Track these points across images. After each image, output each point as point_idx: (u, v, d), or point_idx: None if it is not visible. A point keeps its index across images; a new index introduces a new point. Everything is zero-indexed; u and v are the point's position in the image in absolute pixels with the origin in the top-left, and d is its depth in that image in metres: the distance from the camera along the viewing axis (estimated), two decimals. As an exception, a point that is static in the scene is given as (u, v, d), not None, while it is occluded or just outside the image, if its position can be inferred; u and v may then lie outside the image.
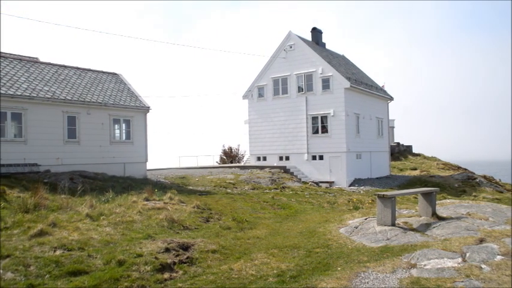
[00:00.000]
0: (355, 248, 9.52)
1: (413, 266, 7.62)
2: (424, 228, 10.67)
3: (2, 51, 26.12)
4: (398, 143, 50.23)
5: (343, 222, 12.66)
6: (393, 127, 51.04)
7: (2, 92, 18.85)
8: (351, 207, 17.83)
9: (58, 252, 8.55)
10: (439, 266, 7.44)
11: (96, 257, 8.50)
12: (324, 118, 30.98)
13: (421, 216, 11.84)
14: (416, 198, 19.30)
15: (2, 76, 20.04)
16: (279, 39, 35.25)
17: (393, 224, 10.95)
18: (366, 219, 12.27)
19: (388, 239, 9.93)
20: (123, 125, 23.95)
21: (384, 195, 11.09)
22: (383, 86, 39.88)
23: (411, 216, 12.17)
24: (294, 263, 8.61)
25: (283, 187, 24.79)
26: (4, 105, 18.86)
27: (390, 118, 40.74)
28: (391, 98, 38.41)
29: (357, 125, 31.91)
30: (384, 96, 37.00)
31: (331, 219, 13.68)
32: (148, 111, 24.93)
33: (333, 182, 29.96)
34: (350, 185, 29.34)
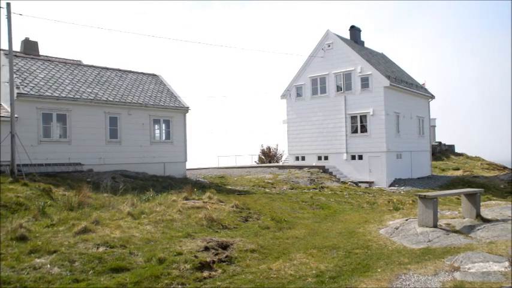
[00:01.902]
0: (395, 249, 9.36)
1: (457, 269, 7.42)
2: (467, 230, 10.37)
3: (48, 55, 26.99)
4: (439, 143, 49.02)
5: (383, 223, 12.47)
6: (434, 126, 49.83)
7: (47, 94, 19.50)
8: (391, 208, 17.52)
9: (101, 249, 8.78)
10: (485, 270, 7.21)
11: (137, 255, 8.67)
12: (363, 117, 30.58)
13: (464, 218, 11.52)
14: (459, 199, 18.79)
15: (48, 79, 20.73)
16: (316, 38, 35.11)
17: (435, 226, 10.70)
18: (406, 220, 12.04)
19: (429, 241, 9.71)
20: (163, 125, 24.35)
21: (425, 195, 10.85)
22: (424, 84, 39.00)
23: (454, 218, 11.86)
24: (333, 264, 8.53)
25: (322, 187, 24.61)
26: (50, 106, 19.51)
27: (431, 117, 39.80)
28: (432, 96, 37.53)
29: (397, 124, 31.33)
30: (424, 94, 36.19)
31: (371, 220, 13.50)
32: (187, 112, 25.25)
33: (372, 182, 29.54)
34: (390, 185, 28.84)
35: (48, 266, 7.62)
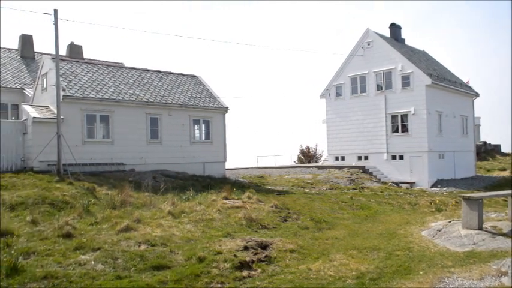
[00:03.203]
0: (438, 252, 9.14)
1: (504, 273, 7.17)
2: (515, 232, 10.02)
3: (92, 58, 27.72)
4: (484, 142, 47.56)
5: (425, 225, 12.21)
6: (479, 125, 48.40)
7: (91, 96, 20.07)
8: (434, 209, 17.11)
9: (142, 247, 8.95)
10: (533, 274, 6.94)
11: (177, 253, 8.80)
12: (404, 117, 30.01)
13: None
14: (506, 201, 18.15)
15: (91, 81, 21.33)
16: (355, 37, 34.64)
17: (480, 228, 10.38)
18: (449, 222, 11.75)
19: (474, 244, 9.43)
20: (203, 126, 24.61)
21: (469, 197, 10.56)
22: (467, 81, 37.91)
23: (500, 220, 11.47)
24: (373, 265, 8.42)
25: (362, 187, 24.31)
26: (93, 108, 20.07)
27: (476, 116, 38.65)
28: (477, 94, 36.42)
29: (440, 123, 30.58)
30: (468, 92, 35.18)
31: (413, 221, 13.24)
32: (226, 112, 25.44)
33: (413, 182, 28.94)
34: (432, 186, 28.18)
35: (93, 262, 7.84)
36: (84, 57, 32.81)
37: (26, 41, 30.75)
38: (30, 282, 6.82)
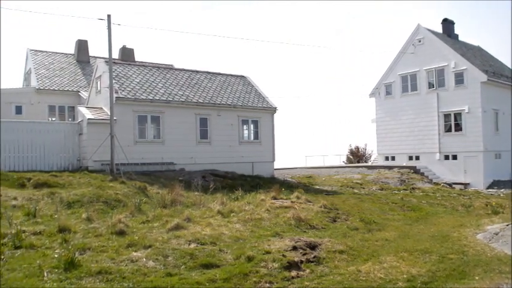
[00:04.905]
0: (495, 257, 8.78)
1: None
2: None
3: (143, 61, 28.41)
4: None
5: (480, 228, 11.77)
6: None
7: (143, 97, 20.59)
8: (490, 212, 16.43)
9: (192, 246, 9.08)
10: None
11: (226, 252, 8.87)
12: (457, 115, 29.08)
13: None
14: None
15: (143, 83, 21.88)
16: (405, 34, 33.92)
17: (541, 231, 9.89)
18: (507, 225, 11.26)
19: (535, 247, 9.00)
20: (251, 126, 24.73)
21: (529, 198, 10.07)
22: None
23: None
24: (425, 269, 8.18)
25: (412, 188, 23.73)
26: (145, 109, 20.58)
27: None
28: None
29: (496, 121, 29.41)
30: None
31: (467, 224, 12.79)
32: (275, 112, 25.45)
33: (468, 183, 27.96)
34: (488, 187, 27.13)
35: (144, 259, 8.02)
36: (136, 59, 33.70)
37: (82, 45, 31.98)
38: (86, 276, 7.07)
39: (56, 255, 7.83)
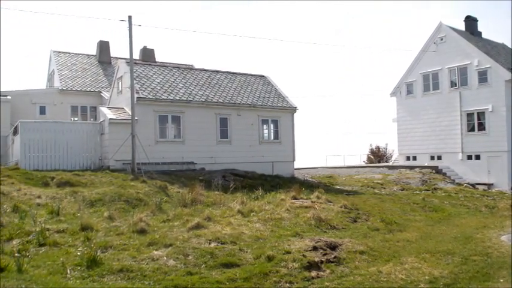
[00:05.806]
0: (521, 258, 8.60)
1: None
2: None
3: (163, 61, 28.61)
4: None
5: (505, 229, 11.57)
6: None
7: (163, 97, 20.75)
8: (515, 212, 16.14)
9: (212, 245, 9.11)
10: None
11: (246, 252, 8.88)
12: (480, 114, 28.58)
13: None
14: None
15: (163, 83, 22.06)
16: (427, 32, 33.46)
17: None
18: (533, 225, 11.03)
19: (562, 249, 8.80)
20: (271, 125, 24.70)
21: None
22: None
23: None
24: (448, 270, 8.07)
25: (434, 188, 23.41)
26: (165, 109, 20.73)
27: None
28: None
29: (521, 121, 28.81)
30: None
31: (491, 225, 12.58)
32: (295, 111, 25.38)
33: (491, 184, 27.46)
34: (513, 188, 26.61)
35: (165, 258, 8.08)
36: (156, 60, 33.98)
37: (103, 47, 32.40)
38: (108, 274, 7.16)
39: (78, 253, 7.95)
